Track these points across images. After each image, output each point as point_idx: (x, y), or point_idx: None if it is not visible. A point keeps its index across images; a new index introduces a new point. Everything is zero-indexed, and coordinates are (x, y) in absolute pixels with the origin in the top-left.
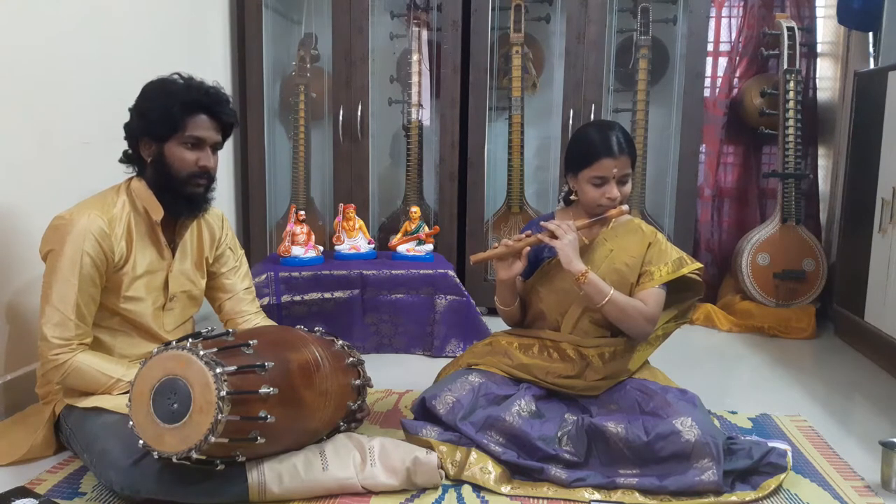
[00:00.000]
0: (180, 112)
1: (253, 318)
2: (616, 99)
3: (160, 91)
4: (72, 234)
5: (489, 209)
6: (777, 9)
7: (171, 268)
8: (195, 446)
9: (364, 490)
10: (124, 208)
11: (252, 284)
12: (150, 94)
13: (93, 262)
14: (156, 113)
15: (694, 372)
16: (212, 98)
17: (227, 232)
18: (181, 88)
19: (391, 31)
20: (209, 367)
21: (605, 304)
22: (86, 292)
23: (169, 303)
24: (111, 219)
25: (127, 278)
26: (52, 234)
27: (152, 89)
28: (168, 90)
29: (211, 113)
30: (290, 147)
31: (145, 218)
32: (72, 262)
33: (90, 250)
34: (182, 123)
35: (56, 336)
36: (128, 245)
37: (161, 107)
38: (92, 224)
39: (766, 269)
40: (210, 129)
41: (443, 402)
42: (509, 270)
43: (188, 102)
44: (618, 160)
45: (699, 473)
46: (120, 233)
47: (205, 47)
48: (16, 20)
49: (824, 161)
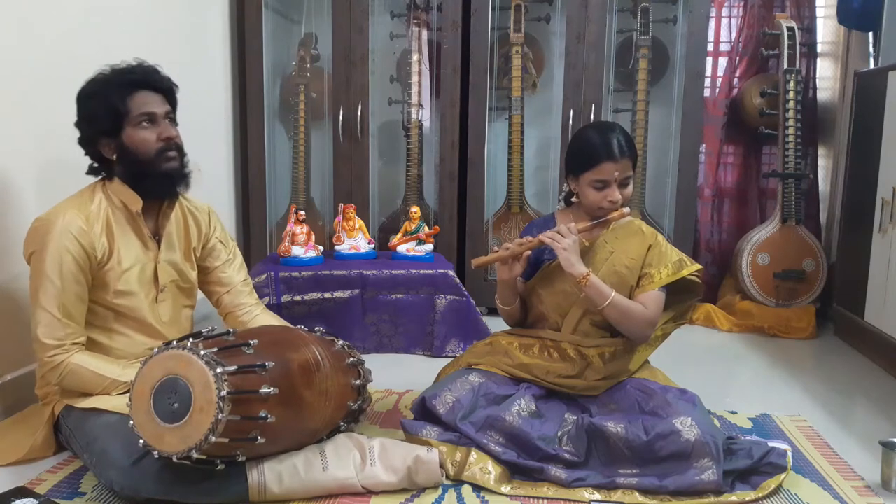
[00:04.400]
0: (119, 97)
1: (254, 310)
2: (616, 99)
3: (91, 90)
4: (51, 234)
5: (489, 209)
6: (777, 9)
7: (158, 258)
8: (195, 446)
9: (364, 490)
10: (101, 204)
11: (249, 278)
12: (85, 98)
13: (74, 261)
14: (97, 110)
15: (694, 372)
16: (141, 72)
17: (215, 225)
18: (110, 76)
19: (391, 31)
20: (210, 366)
21: (607, 307)
22: (71, 291)
23: (160, 294)
24: (88, 216)
25: (114, 273)
26: (33, 236)
27: (84, 93)
28: (98, 85)
29: (147, 86)
30: (290, 147)
31: (124, 211)
32: (53, 263)
33: (71, 249)
34: (126, 106)
35: (48, 337)
36: (109, 240)
37: (100, 102)
38: (69, 223)
39: (766, 269)
40: (155, 102)
41: (443, 402)
42: (510, 272)
43: (122, 84)
44: (619, 163)
45: (699, 473)
46: (99, 229)
47: (205, 47)
48: (15, 20)
49: (824, 161)
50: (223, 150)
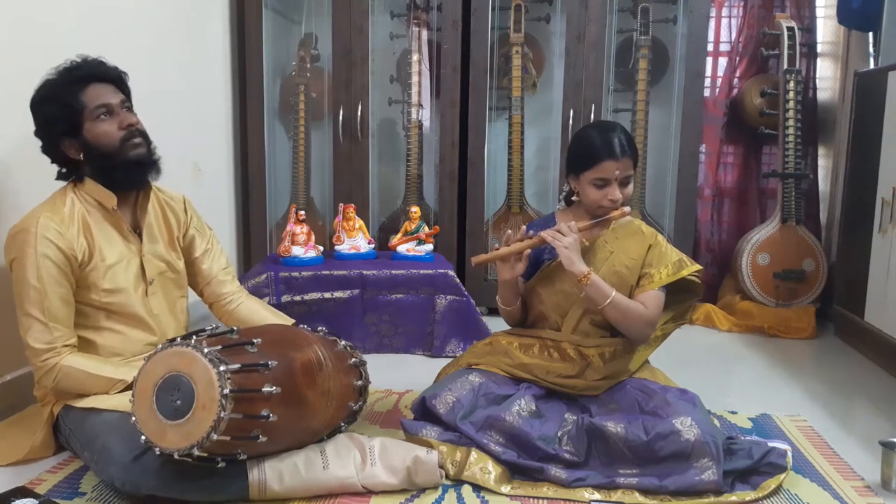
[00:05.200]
0: (71, 94)
1: (237, 298)
2: (616, 99)
3: (42, 94)
4: (27, 241)
5: (489, 209)
6: (777, 9)
7: (142, 252)
8: (197, 443)
9: (364, 490)
10: (74, 206)
11: (229, 264)
12: (38, 104)
13: (53, 264)
14: (53, 113)
15: (694, 372)
16: (87, 66)
17: (191, 215)
18: (58, 77)
19: (391, 31)
20: (213, 364)
21: (607, 306)
22: (54, 294)
23: (150, 287)
24: (63, 218)
25: (99, 272)
26: (10, 243)
27: (36, 100)
28: (48, 88)
29: (97, 78)
30: (290, 147)
31: (100, 209)
32: (32, 268)
33: (48, 253)
34: (80, 103)
35: (37, 342)
36: (88, 240)
37: (54, 104)
38: (44, 227)
39: (766, 269)
40: (108, 92)
41: (443, 402)
42: (511, 271)
43: (71, 81)
44: (620, 162)
45: (699, 473)
46: (75, 230)
47: (205, 47)
48: (15, 20)
49: (824, 161)
50: (223, 150)
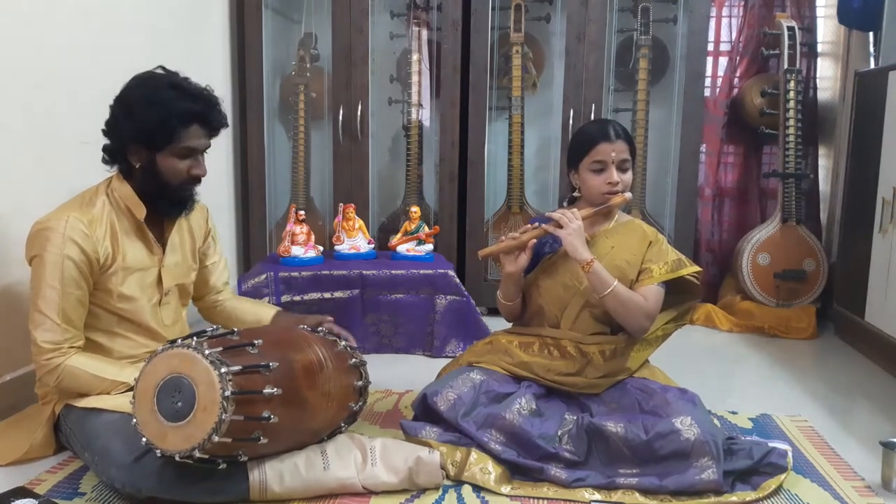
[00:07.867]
0: (178, 119)
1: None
2: (616, 99)
3: (153, 98)
4: (52, 238)
5: (489, 209)
6: (777, 8)
7: (162, 263)
8: (198, 445)
9: (365, 490)
10: (104, 208)
11: (229, 277)
12: (141, 100)
13: (75, 266)
14: (152, 124)
15: (694, 372)
16: (206, 105)
17: (211, 225)
18: (175, 97)
19: (391, 31)
20: (214, 366)
21: (608, 295)
22: (71, 296)
23: (164, 297)
24: (91, 220)
25: (118, 277)
26: (34, 239)
27: (142, 95)
28: (162, 99)
29: (205, 121)
30: (290, 147)
31: (128, 216)
32: (54, 267)
33: (72, 254)
34: (179, 134)
35: (46, 341)
36: (113, 244)
37: (157, 118)
38: (72, 228)
39: (766, 269)
40: (202, 137)
41: (444, 399)
42: (515, 264)
43: (185, 114)
44: (615, 144)
45: (699, 472)
46: (102, 233)
47: (205, 47)
48: (15, 19)
49: (824, 161)
50: (223, 150)
